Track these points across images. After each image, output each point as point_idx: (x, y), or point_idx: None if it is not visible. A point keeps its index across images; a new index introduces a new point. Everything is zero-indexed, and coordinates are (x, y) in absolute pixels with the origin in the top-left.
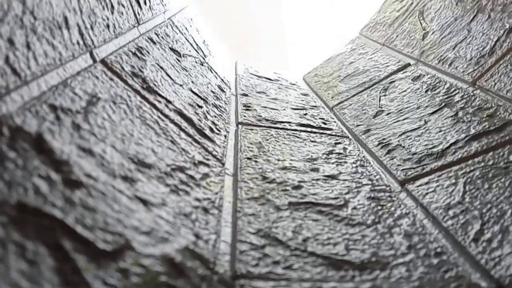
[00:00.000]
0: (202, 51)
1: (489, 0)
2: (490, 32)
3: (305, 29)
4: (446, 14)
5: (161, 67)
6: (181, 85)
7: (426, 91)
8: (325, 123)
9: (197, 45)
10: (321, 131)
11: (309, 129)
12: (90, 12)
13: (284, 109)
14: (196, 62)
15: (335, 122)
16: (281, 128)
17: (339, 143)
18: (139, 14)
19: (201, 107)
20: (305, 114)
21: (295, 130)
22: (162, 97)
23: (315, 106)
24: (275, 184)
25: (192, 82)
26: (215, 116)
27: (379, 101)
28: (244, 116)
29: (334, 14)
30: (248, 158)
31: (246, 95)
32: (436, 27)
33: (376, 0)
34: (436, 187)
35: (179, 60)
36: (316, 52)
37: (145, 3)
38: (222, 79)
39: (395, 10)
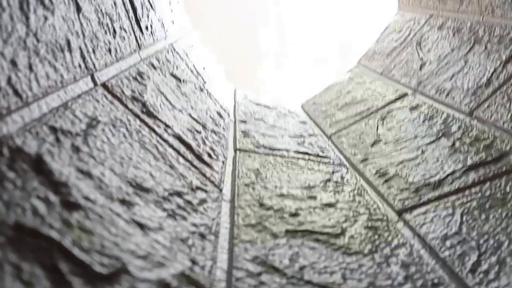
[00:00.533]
0: (202, 77)
1: (485, 32)
2: (486, 63)
3: (304, 58)
4: (443, 44)
5: (161, 92)
6: (180, 110)
7: (424, 121)
8: (322, 151)
9: (197, 71)
10: (319, 159)
11: (307, 157)
12: (93, 36)
13: (282, 137)
14: (196, 88)
15: (332, 150)
16: (279, 155)
17: (337, 171)
18: (140, 39)
19: (199, 132)
20: (303, 142)
21: (293, 157)
22: (162, 121)
23: (313, 134)
24: (272, 211)
25: (192, 107)
26: (214, 142)
27: (377, 130)
28: (242, 142)
29: (334, 44)
30: (246, 185)
31: (245, 121)
32: (433, 58)
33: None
34: (433, 217)
35: (179, 86)
36: (314, 82)
37: (146, 28)
38: (221, 106)
39: (393, 40)
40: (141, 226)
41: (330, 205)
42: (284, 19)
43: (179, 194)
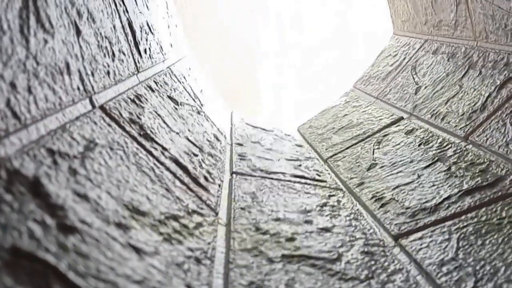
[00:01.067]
0: (199, 100)
1: (480, 57)
2: (481, 88)
3: (301, 84)
4: (438, 69)
5: (159, 115)
6: (177, 133)
7: (419, 145)
8: (319, 175)
9: (194, 94)
10: (315, 182)
11: (303, 181)
12: (92, 59)
13: (278, 160)
14: (193, 110)
15: (329, 174)
16: (275, 179)
17: (333, 195)
18: (139, 62)
19: (196, 155)
20: (299, 165)
21: (289, 181)
22: (159, 144)
23: (309, 158)
24: (269, 235)
25: (189, 130)
26: (210, 165)
27: (373, 154)
28: (239, 165)
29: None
30: (242, 208)
31: (241, 144)
32: (429, 82)
33: (369, 55)
34: (429, 242)
35: (176, 108)
36: (311, 105)
37: (145, 51)
38: (218, 129)
39: (388, 65)
40: (137, 250)
41: (326, 229)
42: (283, 38)
43: (175, 218)
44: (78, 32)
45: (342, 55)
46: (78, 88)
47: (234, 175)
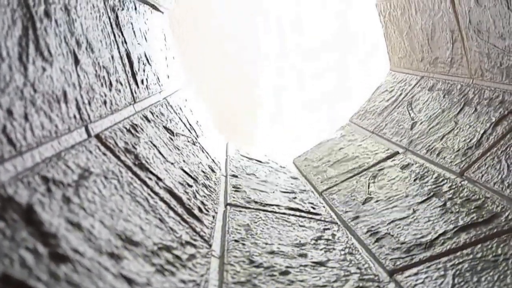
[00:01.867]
0: (195, 131)
1: (475, 94)
2: (476, 124)
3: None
4: (433, 105)
5: (154, 145)
6: (172, 164)
7: (415, 180)
8: (314, 208)
9: (190, 125)
10: (310, 215)
11: (298, 213)
12: (89, 88)
13: (273, 192)
14: (189, 141)
15: (324, 207)
16: (270, 211)
17: (328, 229)
18: (135, 93)
19: (191, 186)
20: (294, 198)
21: (284, 213)
22: (153, 174)
23: (305, 190)
24: (262, 268)
25: (184, 161)
26: (205, 196)
27: (368, 188)
28: (233, 197)
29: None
30: (236, 241)
31: (236, 176)
32: (424, 118)
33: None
34: (425, 278)
35: (172, 139)
36: (307, 138)
37: (142, 82)
38: (213, 160)
39: (384, 100)
40: (129, 281)
41: (320, 263)
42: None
43: (168, 249)
44: (77, 61)
45: (340, 83)
46: (75, 117)
47: (228, 207)
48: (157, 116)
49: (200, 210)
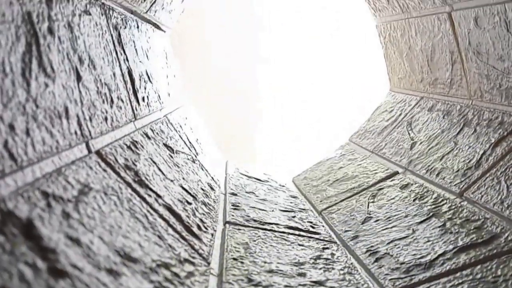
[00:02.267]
0: (194, 149)
1: (475, 115)
2: (476, 145)
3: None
4: (433, 126)
5: (154, 162)
6: (172, 181)
7: (414, 200)
8: (313, 227)
9: (190, 142)
10: (309, 235)
11: (297, 232)
12: (91, 104)
13: (272, 211)
14: (188, 159)
15: (323, 226)
16: (269, 230)
17: (327, 248)
18: (136, 110)
19: (190, 203)
20: (294, 217)
21: (283, 232)
22: (153, 191)
23: (304, 209)
24: (261, 287)
25: (183, 178)
26: (204, 214)
27: (368, 208)
28: (232, 215)
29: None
30: (234, 259)
31: (235, 194)
32: (424, 138)
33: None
34: None
35: (171, 156)
36: (306, 156)
37: (143, 99)
38: (212, 177)
39: (384, 120)
40: None
41: (319, 283)
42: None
43: (166, 266)
44: (79, 78)
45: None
46: (76, 133)
47: (227, 225)
48: (157, 133)
49: (199, 227)
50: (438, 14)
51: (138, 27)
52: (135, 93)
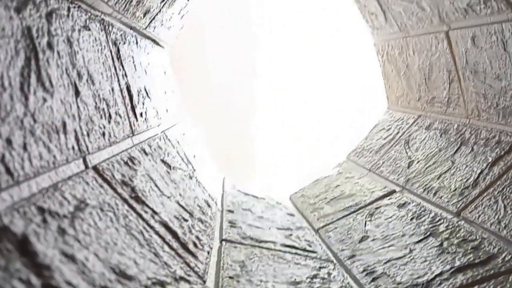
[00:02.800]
0: (192, 165)
1: (472, 134)
2: (473, 164)
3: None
4: (430, 144)
5: (151, 178)
6: (168, 197)
7: (411, 219)
8: (310, 246)
9: (187, 159)
10: (306, 253)
11: (293, 251)
12: (88, 120)
13: (269, 228)
14: (185, 175)
15: (320, 245)
16: (266, 248)
17: (324, 267)
18: (134, 125)
19: (186, 220)
20: (290, 235)
21: (280, 250)
22: (149, 207)
23: (301, 227)
24: None
25: (180, 195)
26: (200, 231)
27: (365, 226)
28: (229, 233)
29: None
30: (230, 277)
31: (232, 211)
32: (421, 157)
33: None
34: None
35: (169, 172)
36: (303, 172)
37: (141, 115)
38: (209, 194)
39: (381, 138)
40: None
41: None
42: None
43: (162, 284)
44: (77, 93)
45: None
46: (73, 148)
47: (223, 243)
48: (154, 149)
49: (195, 245)
50: (435, 33)
51: (137, 42)
52: (133, 108)
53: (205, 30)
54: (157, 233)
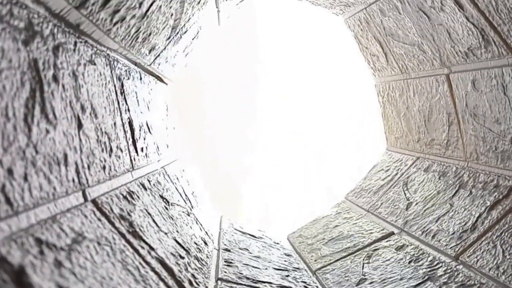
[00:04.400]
0: (190, 202)
1: (470, 177)
2: (471, 208)
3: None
4: (429, 186)
5: (149, 213)
6: (166, 233)
7: (410, 262)
8: (307, 287)
9: (186, 195)
10: None
11: None
12: (90, 153)
13: (266, 269)
14: (183, 212)
15: (317, 287)
16: None
17: None
18: (134, 160)
19: (183, 258)
20: (287, 276)
21: None
22: (146, 243)
23: (298, 268)
24: None
25: (177, 231)
26: (196, 269)
27: (363, 269)
28: (225, 272)
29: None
30: None
31: (229, 250)
32: (420, 199)
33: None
34: None
35: (167, 208)
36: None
37: (142, 150)
38: (206, 232)
39: (380, 179)
40: None
41: None
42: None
43: None
44: (80, 126)
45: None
46: (73, 180)
47: (219, 282)
48: (154, 184)
49: (190, 283)
50: (436, 76)
51: (141, 78)
52: (134, 143)
53: (203, 74)
54: (153, 269)
